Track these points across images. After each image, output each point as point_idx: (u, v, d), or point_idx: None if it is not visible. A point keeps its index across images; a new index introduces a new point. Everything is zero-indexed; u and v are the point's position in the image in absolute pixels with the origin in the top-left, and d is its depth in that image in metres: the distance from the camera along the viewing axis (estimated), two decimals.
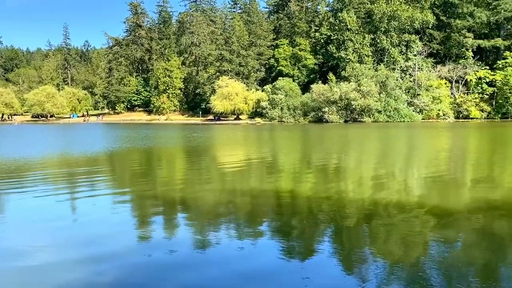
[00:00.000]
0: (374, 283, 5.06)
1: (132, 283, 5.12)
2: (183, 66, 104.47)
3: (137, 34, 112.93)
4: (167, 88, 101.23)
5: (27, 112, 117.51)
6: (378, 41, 79.50)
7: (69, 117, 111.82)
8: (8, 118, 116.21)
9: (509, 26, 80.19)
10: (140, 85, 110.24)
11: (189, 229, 7.53)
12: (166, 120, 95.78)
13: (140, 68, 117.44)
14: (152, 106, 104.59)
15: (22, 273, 5.49)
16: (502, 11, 75.77)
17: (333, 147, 25.31)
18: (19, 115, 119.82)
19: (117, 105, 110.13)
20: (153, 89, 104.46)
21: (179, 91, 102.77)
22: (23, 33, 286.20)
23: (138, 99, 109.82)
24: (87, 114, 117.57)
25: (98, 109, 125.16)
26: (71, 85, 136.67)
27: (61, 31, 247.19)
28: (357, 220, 7.88)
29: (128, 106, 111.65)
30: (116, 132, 48.25)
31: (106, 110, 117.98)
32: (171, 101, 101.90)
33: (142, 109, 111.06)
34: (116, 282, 5.17)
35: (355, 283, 5.09)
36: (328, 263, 5.78)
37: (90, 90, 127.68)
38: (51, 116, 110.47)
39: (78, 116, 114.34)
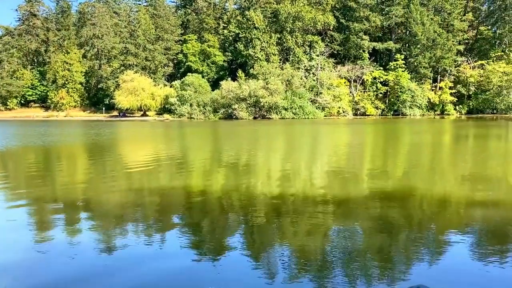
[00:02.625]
0: (283, 275, 5.25)
1: None
2: (84, 59, 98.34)
3: (31, 23, 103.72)
4: (67, 82, 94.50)
5: None
6: (284, 40, 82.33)
7: None
8: None
9: (399, 31, 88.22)
10: (36, 79, 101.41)
11: (93, 233, 7.11)
12: (65, 116, 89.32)
13: (36, 60, 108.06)
14: (49, 101, 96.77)
15: None
16: (393, 16, 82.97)
17: (242, 144, 25.72)
18: None
19: (9, 100, 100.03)
20: (50, 83, 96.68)
21: (80, 86, 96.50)
22: None
23: (34, 94, 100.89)
24: None
25: None
26: None
27: None
28: (266, 214, 8.11)
29: (22, 101, 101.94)
30: (9, 129, 43.86)
31: None
32: (71, 96, 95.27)
33: (38, 105, 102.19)
34: None
35: (265, 276, 5.24)
36: (239, 259, 5.87)
37: None
38: None
39: None
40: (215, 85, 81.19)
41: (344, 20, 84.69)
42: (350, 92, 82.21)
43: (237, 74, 78.60)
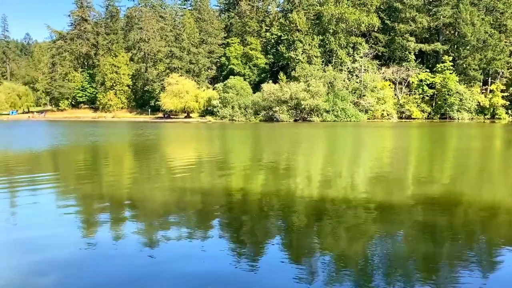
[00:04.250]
0: (323, 279, 5.20)
1: (75, 286, 4.94)
2: (132, 62, 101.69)
3: (82, 28, 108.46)
4: (114, 84, 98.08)
5: None
6: (327, 42, 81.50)
7: (8, 114, 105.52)
8: None
9: (447, 32, 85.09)
10: (86, 81, 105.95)
11: (137, 231, 7.33)
12: (113, 117, 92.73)
13: (86, 63, 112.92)
14: (98, 103, 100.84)
15: None
16: (441, 17, 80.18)
17: (283, 146, 25.68)
18: None
19: (61, 101, 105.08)
20: (99, 86, 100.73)
21: (127, 88, 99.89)
22: None
23: (84, 95, 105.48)
24: (30, 111, 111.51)
25: (40, 106, 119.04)
26: (11, 80, 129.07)
27: None
28: (306, 217, 8.05)
29: (73, 103, 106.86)
30: (60, 129, 46.10)
31: (49, 107, 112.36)
32: (118, 98, 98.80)
33: (87, 106, 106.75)
34: (60, 284, 4.96)
35: (305, 279, 5.21)
36: (279, 261, 5.86)
37: (32, 85, 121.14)
38: None
39: (18, 113, 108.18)
40: (256, 87, 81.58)
41: (389, 21, 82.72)
42: (395, 94, 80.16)
43: (279, 77, 78.61)
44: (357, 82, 78.74)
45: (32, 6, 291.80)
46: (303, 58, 79.60)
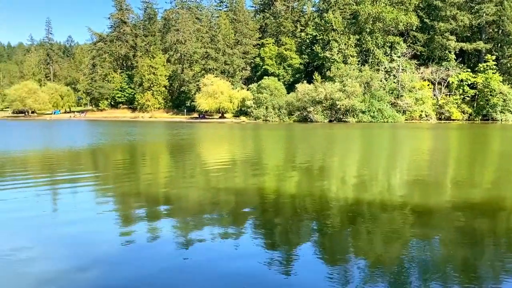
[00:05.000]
0: (358, 282, 5.11)
1: (115, 282, 5.08)
2: (168, 63, 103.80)
3: (121, 30, 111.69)
4: (152, 85, 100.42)
5: (7, 108, 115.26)
6: (363, 42, 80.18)
7: (51, 113, 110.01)
8: None
9: (491, 30, 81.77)
10: (125, 82, 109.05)
11: (172, 228, 7.46)
12: (150, 117, 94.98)
13: (125, 64, 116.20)
14: (136, 103, 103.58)
15: (13, 272, 5.40)
16: (484, 14, 77.24)
17: (317, 147, 25.47)
18: None
19: (101, 102, 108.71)
20: (137, 86, 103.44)
21: (163, 89, 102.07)
22: (4, 26, 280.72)
23: (122, 96, 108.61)
24: (71, 110, 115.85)
25: (81, 106, 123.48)
26: (54, 80, 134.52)
27: (44, 25, 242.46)
28: (341, 219, 7.95)
29: (112, 103, 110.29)
30: (100, 128, 47.64)
31: (89, 107, 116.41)
32: (155, 98, 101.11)
33: (126, 106, 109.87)
34: (100, 279, 5.12)
35: (339, 282, 5.14)
36: (312, 263, 5.81)
37: (73, 86, 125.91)
38: (32, 112, 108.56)
39: (60, 112, 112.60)
40: (290, 88, 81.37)
41: (429, 19, 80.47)
42: (434, 95, 77.86)
43: (313, 77, 78.05)
44: (394, 82, 77.08)
45: (75, 9, 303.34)
46: (339, 58, 78.70)
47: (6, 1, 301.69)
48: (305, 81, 78.33)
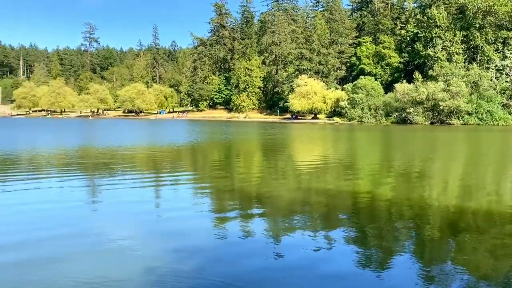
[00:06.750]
0: None
1: (210, 275, 5.29)
2: (263, 65, 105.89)
3: (220, 34, 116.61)
4: (247, 86, 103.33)
5: (119, 107, 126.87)
6: (471, 38, 74.01)
7: (157, 113, 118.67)
8: (103, 113, 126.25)
9: None
10: (222, 83, 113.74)
11: (264, 227, 7.55)
12: (245, 118, 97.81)
13: (223, 67, 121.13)
14: (232, 104, 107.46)
15: (119, 258, 5.91)
16: None
17: (417, 151, 24.07)
18: (111, 110, 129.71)
19: (200, 102, 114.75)
20: (234, 88, 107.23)
21: (258, 90, 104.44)
22: (117, 34, 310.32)
23: (220, 97, 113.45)
24: (174, 111, 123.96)
25: (182, 106, 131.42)
26: (159, 83, 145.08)
27: (151, 31, 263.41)
28: (440, 229, 7.39)
29: (210, 104, 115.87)
30: (198, 127, 50.27)
31: (190, 107, 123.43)
32: (250, 99, 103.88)
33: (223, 107, 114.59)
34: (196, 272, 5.37)
35: None
36: (407, 270, 5.48)
37: (176, 88, 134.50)
38: (140, 112, 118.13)
39: (165, 112, 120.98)
40: (388, 87, 78.07)
41: None
42: None
43: (414, 76, 73.97)
44: (507, 81, 69.93)
45: (179, 15, 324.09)
46: (443, 55, 73.63)
47: (120, 11, 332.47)
48: (404, 81, 74.52)
